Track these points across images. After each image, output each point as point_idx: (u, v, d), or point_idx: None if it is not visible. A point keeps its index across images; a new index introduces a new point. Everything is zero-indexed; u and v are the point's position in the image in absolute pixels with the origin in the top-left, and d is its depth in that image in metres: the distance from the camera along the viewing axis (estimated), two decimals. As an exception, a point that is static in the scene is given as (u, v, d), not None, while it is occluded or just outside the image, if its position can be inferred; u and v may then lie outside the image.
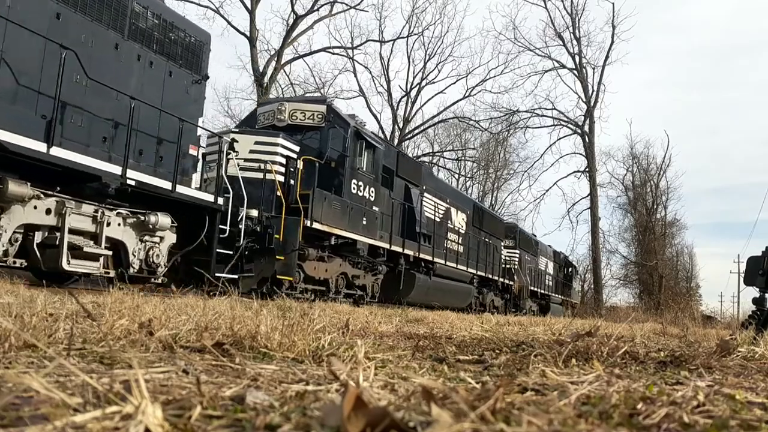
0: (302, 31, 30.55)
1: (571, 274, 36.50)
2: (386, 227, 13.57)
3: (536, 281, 27.44)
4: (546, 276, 30.02)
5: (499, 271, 21.81)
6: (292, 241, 10.21)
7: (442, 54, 39.55)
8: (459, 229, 18.28)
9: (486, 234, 20.71)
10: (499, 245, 22.27)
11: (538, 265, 28.38)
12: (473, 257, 18.98)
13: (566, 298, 34.25)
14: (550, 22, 37.38)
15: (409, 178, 15.00)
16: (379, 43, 36.02)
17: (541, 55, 37.95)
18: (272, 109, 12.54)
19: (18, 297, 3.36)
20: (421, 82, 37.52)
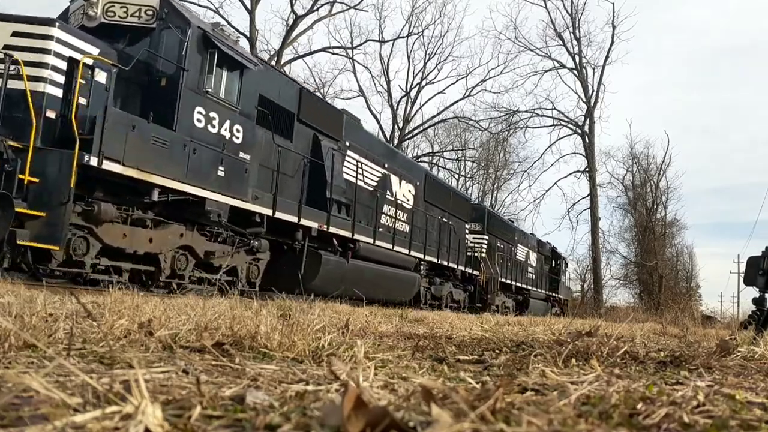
0: (302, 31, 30.59)
1: (559, 268, 33.00)
2: (266, 185, 9.65)
3: (512, 273, 23.94)
4: (527, 268, 26.77)
5: (460, 258, 18.27)
6: (60, 187, 6.74)
7: (442, 54, 39.60)
8: (403, 203, 14.55)
9: (443, 213, 17.19)
10: (461, 228, 18.70)
11: (515, 255, 24.93)
12: (420, 239, 15.34)
13: (552, 294, 30.90)
14: (550, 22, 37.43)
15: (321, 128, 11.26)
16: (378, 43, 36.09)
17: (541, 55, 38.00)
18: (82, 4, 8.62)
19: (18, 297, 3.36)
20: (421, 82, 37.59)
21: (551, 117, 38.26)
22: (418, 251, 15.23)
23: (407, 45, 48.06)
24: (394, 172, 14.33)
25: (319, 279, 10.86)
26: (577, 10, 36.93)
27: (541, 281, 29.14)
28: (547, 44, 37.94)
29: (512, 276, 24.07)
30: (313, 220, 10.79)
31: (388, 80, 37.51)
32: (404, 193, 14.84)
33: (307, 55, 32.77)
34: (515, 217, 38.91)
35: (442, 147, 42.87)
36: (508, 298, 23.87)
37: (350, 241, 12.00)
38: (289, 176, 10.40)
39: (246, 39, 27.90)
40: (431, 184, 16.98)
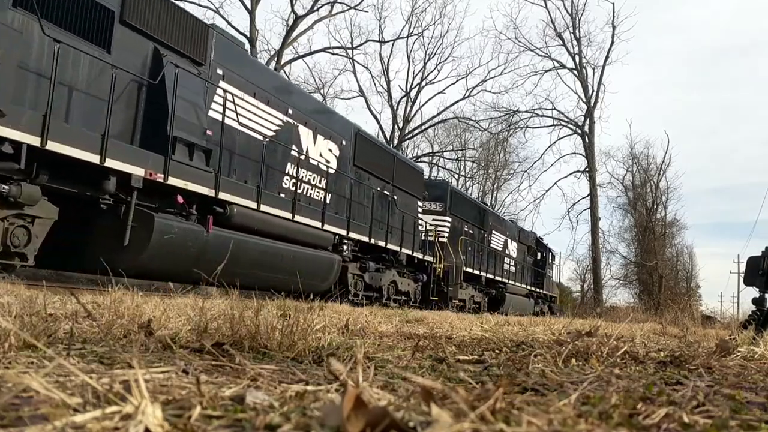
0: (302, 31, 30.61)
1: (545, 260, 29.88)
2: (31, 99, 6.42)
3: (483, 263, 20.77)
4: (504, 258, 23.63)
5: (410, 241, 14.86)
6: None
7: (442, 54, 39.63)
8: (319, 163, 11.27)
9: (384, 184, 13.83)
10: (412, 205, 15.45)
11: (488, 243, 21.85)
12: (344, 211, 12.00)
13: (536, 290, 27.71)
14: (551, 22, 37.47)
15: (167, 40, 8.06)
16: (378, 43, 36.11)
17: (542, 55, 38.02)
18: None
19: (18, 297, 3.36)
20: (421, 83, 37.61)
21: (551, 117, 38.31)
22: (339, 226, 11.63)
23: (407, 45, 48.18)
24: (304, 122, 10.93)
25: (151, 253, 7.37)
26: (577, 10, 37.00)
27: (523, 275, 26.01)
28: (547, 44, 38.01)
29: (484, 266, 20.82)
30: (136, 163, 7.25)
31: (388, 80, 37.56)
32: (322, 151, 11.48)
33: (307, 56, 32.82)
34: (515, 217, 38.83)
35: (442, 147, 42.92)
36: (477, 292, 20.65)
37: (217, 203, 8.52)
38: (97, 98, 7.08)
39: (246, 39, 27.93)
40: (365, 145, 13.26)
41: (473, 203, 22.11)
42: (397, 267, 14.58)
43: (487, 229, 22.13)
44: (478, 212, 21.85)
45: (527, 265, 27.26)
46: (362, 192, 13.07)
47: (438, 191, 18.71)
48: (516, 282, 24.74)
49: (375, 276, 13.53)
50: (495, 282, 22.25)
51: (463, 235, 19.38)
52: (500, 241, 23.60)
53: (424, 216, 16.92)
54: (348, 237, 12.14)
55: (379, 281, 13.65)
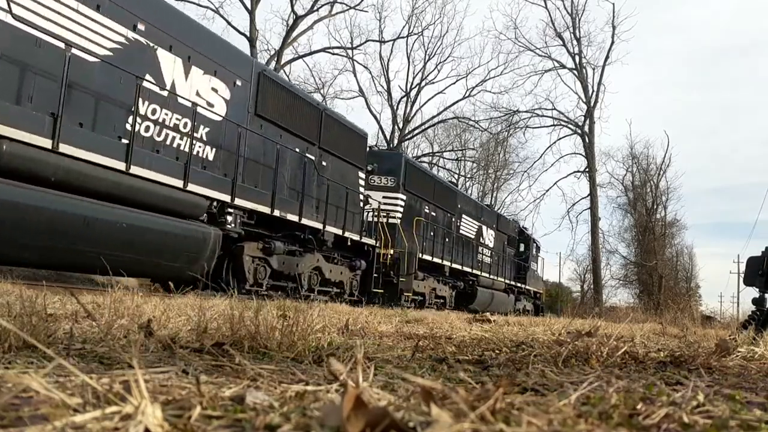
0: (302, 31, 30.63)
1: (528, 252, 27.03)
2: None
3: (450, 251, 18.08)
4: (477, 248, 20.74)
5: (344, 219, 12.10)
6: None
7: (441, 54, 39.57)
8: (195, 105, 8.35)
9: (304, 143, 11.07)
10: (350, 176, 12.73)
11: (457, 229, 19.10)
12: (233, 169, 9.11)
13: (517, 284, 25.06)
14: (551, 22, 37.44)
15: None
16: (378, 43, 36.11)
17: (542, 55, 38.01)
18: None
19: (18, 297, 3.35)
20: (420, 83, 37.62)
21: (551, 117, 38.30)
22: (219, 189, 8.74)
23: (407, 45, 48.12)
24: (169, 46, 8.12)
25: None
26: (577, 10, 36.98)
27: (502, 267, 23.23)
28: (547, 44, 37.98)
29: (450, 255, 18.02)
30: None
31: (388, 80, 37.57)
32: (200, 89, 8.59)
33: (307, 56, 32.83)
34: (516, 217, 38.75)
35: (442, 147, 42.93)
36: (442, 285, 18.07)
37: None
38: None
39: (246, 39, 27.94)
40: (274, 91, 10.38)
41: (437, 181, 18.98)
42: (324, 251, 11.76)
43: (456, 212, 19.22)
44: (444, 192, 18.71)
45: (507, 257, 24.38)
46: (266, 150, 9.95)
47: (390, 163, 15.87)
48: (492, 275, 21.79)
49: (288, 260, 10.61)
50: (464, 274, 19.38)
51: (422, 217, 16.67)
52: (473, 227, 20.68)
53: (372, 193, 14.28)
54: (234, 205, 9.07)
55: (295, 267, 10.76)
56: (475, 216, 21.28)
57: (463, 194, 22.16)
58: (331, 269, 12.23)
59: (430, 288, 17.33)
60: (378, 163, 15.44)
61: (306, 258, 11.22)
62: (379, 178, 15.55)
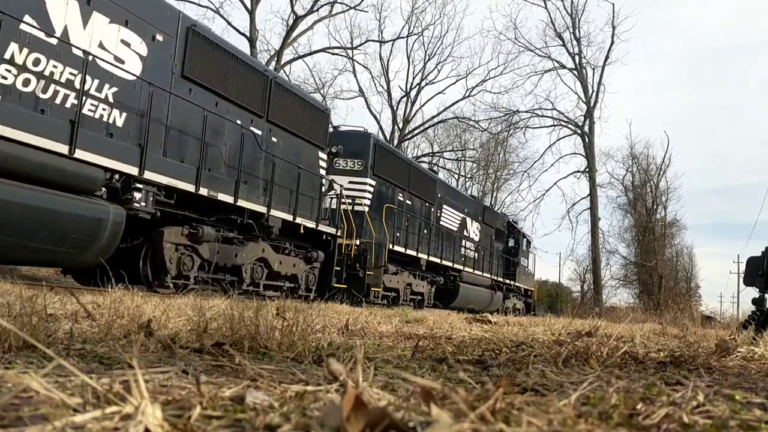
0: (302, 31, 30.63)
1: (518, 247, 25.31)
2: None
3: (427, 244, 16.48)
4: (460, 241, 19.15)
5: (299, 203, 10.67)
6: None
7: (441, 54, 39.59)
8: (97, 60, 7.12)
9: (247, 115, 9.63)
10: (307, 155, 11.24)
11: (436, 219, 17.58)
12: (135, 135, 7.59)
13: (506, 281, 23.46)
14: (550, 22, 37.44)
15: None
16: (378, 44, 36.12)
17: (541, 56, 38.00)
18: None
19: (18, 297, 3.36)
20: (420, 83, 37.62)
21: (551, 117, 38.29)
22: (122, 159, 7.29)
23: (407, 45, 48.19)
24: None
25: None
26: (577, 11, 36.97)
27: (488, 262, 21.53)
28: (547, 44, 37.97)
29: (427, 248, 16.42)
30: None
31: (388, 80, 37.58)
32: (103, 39, 7.23)
33: (307, 56, 32.84)
34: (516, 217, 38.67)
35: (442, 147, 42.94)
36: (419, 280, 16.48)
37: None
38: None
39: (246, 39, 27.95)
40: (206, 49, 8.77)
41: (413, 166, 17.01)
42: (274, 240, 10.33)
43: (436, 202, 17.61)
44: (421, 179, 16.98)
45: (495, 252, 22.63)
46: (196, 119, 8.44)
47: (357, 144, 14.06)
48: (477, 270, 20.04)
49: (224, 250, 9.09)
50: (445, 268, 17.75)
51: (395, 204, 15.06)
52: (455, 218, 19.02)
53: (337, 177, 12.95)
54: (144, 179, 7.52)
55: (233, 258, 9.32)
56: (458, 207, 19.54)
57: (444, 183, 20.26)
58: (281, 261, 10.62)
59: (404, 283, 15.64)
60: (343, 144, 13.78)
61: (248, 247, 9.70)
62: (345, 161, 13.89)
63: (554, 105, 38.45)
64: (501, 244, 24.12)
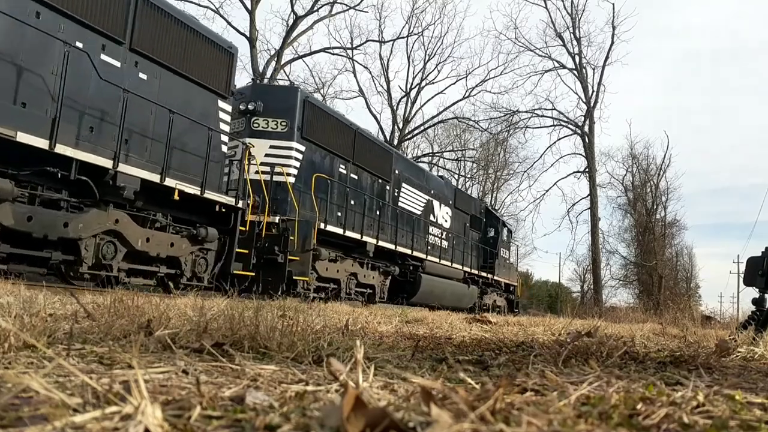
0: (302, 31, 30.62)
1: (498, 237, 22.40)
2: None
3: (381, 227, 13.99)
4: (425, 226, 16.74)
5: (184, 164, 8.58)
6: None
7: (441, 54, 39.73)
8: None
9: (102, 39, 7.53)
10: (201, 103, 9.06)
11: (394, 201, 15.07)
12: None
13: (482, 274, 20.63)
14: (551, 22, 37.40)
15: None
16: (378, 44, 36.10)
17: (542, 56, 37.97)
18: None
19: (18, 297, 3.36)
20: (420, 83, 37.61)
21: (551, 117, 38.26)
22: None
23: (407, 45, 48.24)
24: None
25: None
26: (577, 11, 36.94)
27: (460, 252, 18.94)
28: (547, 44, 37.94)
29: (380, 231, 13.83)
30: None
31: (388, 80, 37.56)
32: None
33: (307, 56, 32.83)
34: (515, 217, 38.50)
35: (442, 147, 42.93)
36: (368, 270, 13.84)
37: None
38: None
39: (246, 39, 27.94)
40: None
41: (360, 134, 13.82)
42: (134, 209, 8.02)
43: (393, 179, 15.09)
44: (371, 150, 14.28)
45: (470, 241, 20.09)
46: None
47: (281, 101, 11.64)
48: (445, 260, 17.57)
49: (43, 216, 6.85)
50: (403, 257, 15.11)
51: (332, 176, 12.49)
52: (419, 201, 16.57)
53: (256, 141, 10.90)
54: None
55: (60, 228, 7.00)
56: (423, 187, 17.00)
57: (405, 159, 17.53)
58: (148, 237, 8.12)
59: (347, 273, 13.01)
60: (264, 100, 11.51)
61: (88, 215, 7.29)
62: (266, 120, 11.43)
63: (554, 105, 38.50)
64: (478, 233, 21.46)
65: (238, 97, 11.20)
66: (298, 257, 10.91)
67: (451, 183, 21.24)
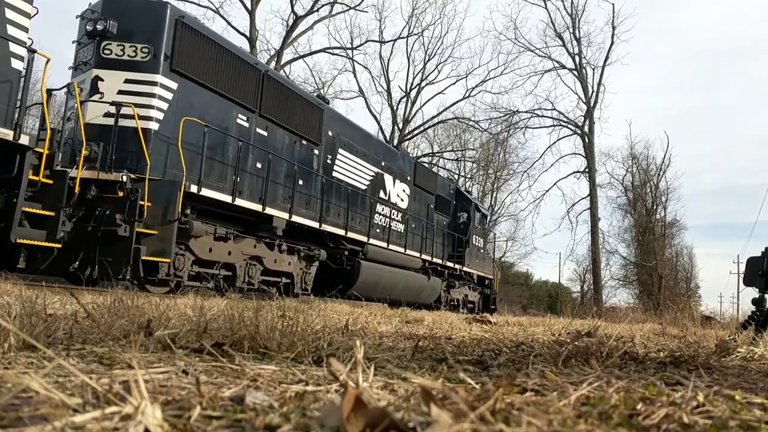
0: (302, 31, 30.64)
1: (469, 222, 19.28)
2: None
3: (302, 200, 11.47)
4: (371, 204, 13.80)
5: None
6: None
7: (442, 54, 39.71)
8: None
9: None
10: None
11: (327, 170, 12.44)
12: None
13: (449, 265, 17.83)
14: (551, 22, 37.41)
15: None
16: (378, 44, 36.10)
17: (541, 56, 37.97)
18: None
19: (18, 297, 3.36)
20: (420, 83, 37.61)
21: (551, 117, 38.25)
22: None
23: (407, 45, 48.25)
24: None
25: None
26: (577, 11, 36.95)
27: (420, 237, 16.04)
28: (547, 45, 37.93)
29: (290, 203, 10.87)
30: None
31: (388, 80, 37.56)
32: None
33: (307, 56, 32.85)
34: (515, 218, 38.37)
35: (442, 147, 42.92)
36: (282, 254, 11.03)
37: None
38: None
39: (246, 39, 27.94)
40: None
41: (269, 77, 10.95)
42: None
43: (324, 142, 12.24)
44: (290, 100, 11.31)
45: (435, 227, 17.30)
46: None
47: (142, 21, 8.80)
48: (398, 246, 14.75)
49: None
50: (335, 238, 12.22)
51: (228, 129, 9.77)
52: (362, 172, 13.65)
53: (106, 73, 8.50)
54: None
55: None
56: (371, 157, 14.05)
57: (345, 120, 13.91)
58: None
59: (245, 256, 10.15)
60: (119, 19, 8.65)
61: None
62: (121, 46, 8.60)
63: (554, 105, 38.44)
64: (445, 217, 18.51)
65: (88, 15, 8.76)
66: (156, 231, 8.20)
67: (410, 156, 17.64)
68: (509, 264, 47.18)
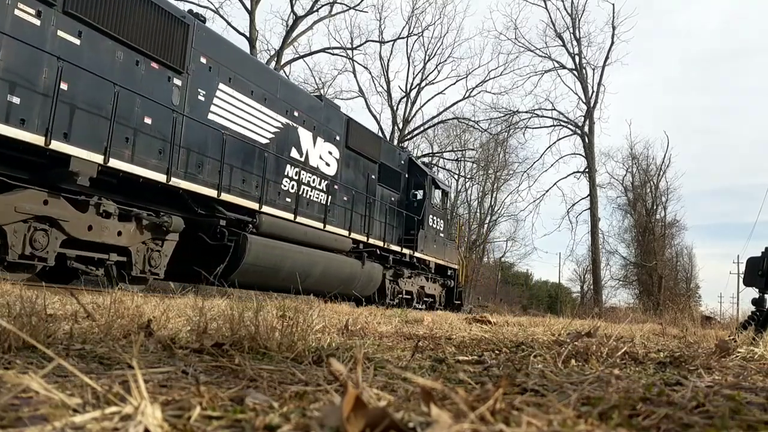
0: (302, 31, 30.62)
1: (425, 200, 16.13)
2: None
3: (147, 147, 8.15)
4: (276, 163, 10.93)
5: None
6: None
7: (441, 55, 39.76)
8: None
9: None
10: None
11: (200, 108, 9.19)
12: None
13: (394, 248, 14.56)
14: (551, 22, 37.43)
15: None
16: (378, 44, 36.11)
17: (541, 56, 37.99)
18: None
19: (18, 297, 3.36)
20: (420, 83, 37.62)
21: (551, 117, 38.27)
22: None
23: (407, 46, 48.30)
24: None
25: None
26: (577, 11, 36.96)
27: (350, 212, 12.88)
28: (547, 45, 37.96)
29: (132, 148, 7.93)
30: None
31: (388, 81, 37.57)
32: None
33: (307, 56, 32.84)
34: (515, 218, 38.33)
35: (442, 148, 42.90)
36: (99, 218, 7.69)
37: None
38: None
39: (246, 39, 27.93)
40: None
41: None
42: None
43: (189, 67, 9.02)
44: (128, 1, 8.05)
45: (377, 201, 14.27)
46: None
47: None
48: (315, 221, 11.70)
49: None
50: (207, 202, 9.33)
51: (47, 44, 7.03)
52: (260, 119, 10.62)
53: None
54: None
55: None
56: (277, 102, 11.02)
57: (229, 44, 10.31)
58: None
59: (21, 215, 6.89)
60: None
61: None
62: None
63: (554, 105, 38.55)
64: (394, 192, 15.34)
65: None
66: None
67: (342, 112, 13.39)
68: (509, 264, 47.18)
